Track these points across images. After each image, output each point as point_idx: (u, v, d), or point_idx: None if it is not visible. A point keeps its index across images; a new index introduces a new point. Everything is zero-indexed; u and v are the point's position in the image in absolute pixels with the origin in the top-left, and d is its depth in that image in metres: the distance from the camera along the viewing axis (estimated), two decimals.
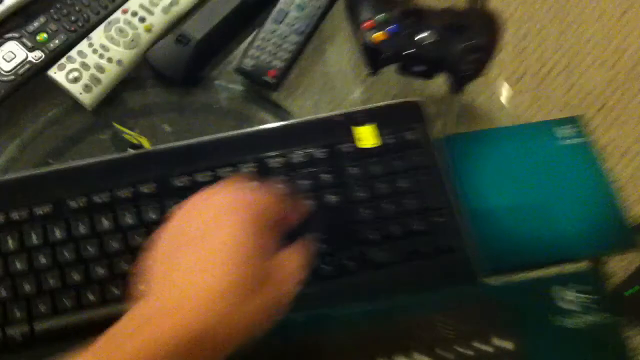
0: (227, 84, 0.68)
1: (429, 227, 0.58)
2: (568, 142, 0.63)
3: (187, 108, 0.68)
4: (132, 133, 0.63)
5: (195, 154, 0.59)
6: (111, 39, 0.66)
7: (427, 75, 0.67)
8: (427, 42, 0.63)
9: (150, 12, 0.67)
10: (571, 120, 0.65)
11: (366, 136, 0.60)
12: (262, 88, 0.68)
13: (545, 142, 0.64)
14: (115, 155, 0.59)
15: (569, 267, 0.57)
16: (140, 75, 0.69)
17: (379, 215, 0.58)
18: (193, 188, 0.51)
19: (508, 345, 0.52)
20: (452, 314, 0.54)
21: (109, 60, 0.65)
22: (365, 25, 0.64)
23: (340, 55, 0.72)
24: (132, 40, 0.66)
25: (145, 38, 0.67)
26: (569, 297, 0.54)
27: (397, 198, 0.59)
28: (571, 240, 0.60)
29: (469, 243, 0.58)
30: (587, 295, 0.54)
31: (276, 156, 0.59)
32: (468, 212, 0.59)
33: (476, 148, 0.64)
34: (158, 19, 0.67)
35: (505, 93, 0.71)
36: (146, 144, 0.63)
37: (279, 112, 0.68)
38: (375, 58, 0.65)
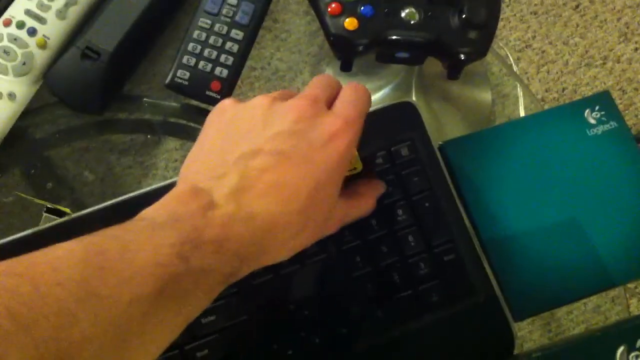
0: (159, 101, 0.53)
1: (438, 269, 0.45)
2: (600, 129, 0.50)
3: (111, 139, 0.52)
4: (44, 203, 0.48)
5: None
6: None
7: (414, 60, 0.52)
8: (413, 21, 0.48)
9: (42, 20, 0.51)
10: (602, 98, 0.51)
11: (354, 159, 0.46)
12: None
13: (572, 133, 0.50)
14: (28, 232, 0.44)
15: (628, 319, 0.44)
16: (46, 99, 0.53)
17: (374, 266, 0.45)
18: None
19: None
20: None
21: None
22: (330, 10, 0.48)
23: (300, 42, 0.57)
24: (24, 64, 0.50)
25: (41, 57, 0.51)
26: None
27: (397, 238, 0.46)
28: (613, 261, 0.47)
29: (486, 280, 0.46)
30: None
31: None
32: (484, 241, 0.47)
33: (483, 155, 0.49)
34: (53, 29, 0.51)
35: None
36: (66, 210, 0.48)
37: None
38: (349, 50, 0.50)
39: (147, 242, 0.30)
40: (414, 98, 0.67)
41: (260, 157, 0.35)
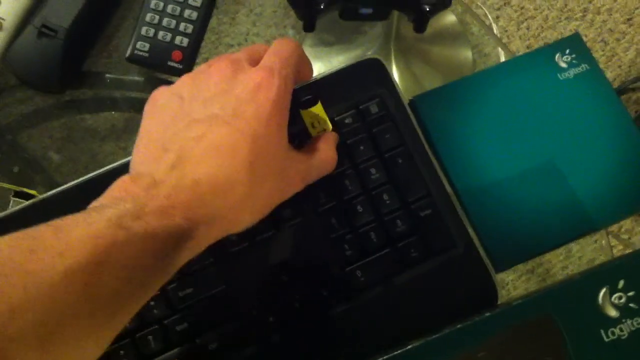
0: (121, 76, 0.52)
1: (415, 225, 0.45)
2: (572, 72, 0.49)
3: (75, 119, 0.51)
4: (11, 187, 0.47)
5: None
6: None
7: (378, 16, 0.51)
8: None
9: None
10: (572, 41, 0.50)
11: (322, 119, 0.45)
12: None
13: (543, 78, 0.49)
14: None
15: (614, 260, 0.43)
16: (7, 81, 0.52)
17: (351, 227, 0.44)
18: None
19: None
20: (489, 344, 0.41)
21: None
22: None
23: (276, 15, 0.55)
24: None
25: None
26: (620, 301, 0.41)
27: (372, 196, 0.45)
28: (593, 204, 0.46)
29: (464, 233, 0.45)
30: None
31: None
32: (460, 193, 0.46)
33: (454, 106, 0.48)
34: (8, 9, 0.49)
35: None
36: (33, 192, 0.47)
37: None
38: (309, 7, 0.49)
39: (83, 221, 0.29)
40: (393, 63, 0.66)
41: (193, 127, 0.34)
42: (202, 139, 0.34)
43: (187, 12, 0.50)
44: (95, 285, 0.28)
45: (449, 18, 0.69)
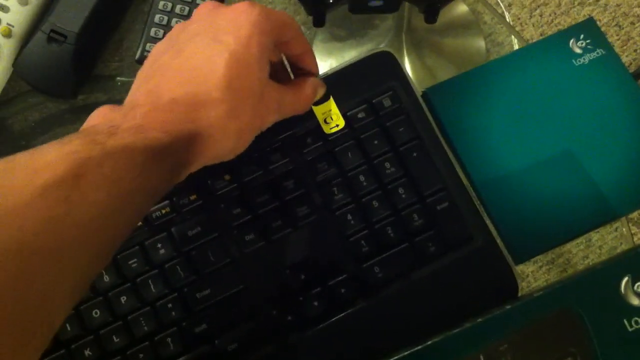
0: (132, 79, 0.51)
1: (432, 219, 0.44)
2: (587, 58, 0.48)
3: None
4: None
5: None
6: None
7: (388, 8, 0.50)
8: None
9: (4, 8, 0.49)
10: (586, 26, 0.49)
11: (335, 114, 0.45)
12: None
13: (558, 65, 0.48)
14: None
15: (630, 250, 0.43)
16: (19, 88, 0.52)
17: (367, 223, 0.44)
18: None
19: None
20: (511, 337, 0.40)
21: None
22: None
23: (287, 12, 0.55)
24: None
25: (7, 46, 0.49)
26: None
27: (388, 190, 0.44)
28: (611, 191, 0.45)
29: (482, 225, 0.45)
30: None
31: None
32: (477, 185, 0.45)
33: (468, 97, 0.48)
34: (17, 16, 0.50)
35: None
36: None
37: None
38: (318, 2, 0.48)
39: (57, 143, 0.29)
40: (405, 55, 0.66)
41: (176, 54, 0.35)
42: (181, 62, 0.34)
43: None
44: (77, 200, 0.28)
45: (461, 8, 0.68)
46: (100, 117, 0.33)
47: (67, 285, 0.28)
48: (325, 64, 0.64)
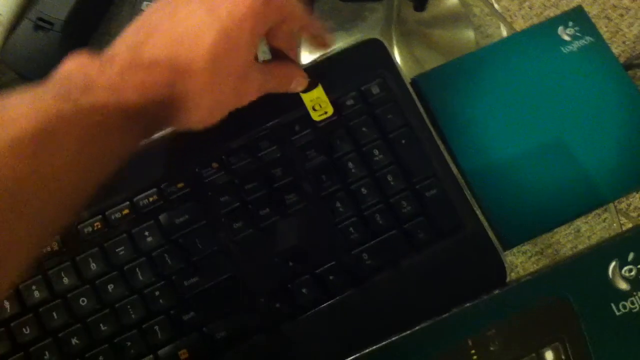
0: None
1: (421, 206, 0.44)
2: (576, 45, 0.48)
3: None
4: None
5: None
6: None
7: None
8: None
9: None
10: (575, 13, 0.49)
11: (323, 102, 0.45)
12: None
13: (547, 53, 0.48)
14: None
15: (620, 234, 0.43)
16: (5, 76, 0.51)
17: (356, 210, 0.44)
18: None
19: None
20: (501, 324, 0.40)
21: None
22: None
23: None
24: None
25: None
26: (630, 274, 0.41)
27: (377, 177, 0.44)
28: (600, 178, 0.46)
29: (471, 211, 0.44)
30: None
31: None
32: (466, 171, 0.45)
33: (457, 84, 0.48)
34: (3, 3, 0.49)
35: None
36: None
37: None
38: None
39: (28, 97, 0.29)
40: (395, 47, 0.66)
41: (166, 9, 0.34)
42: (172, 25, 0.33)
43: None
44: (44, 157, 0.28)
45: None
46: (76, 63, 0.32)
47: (30, 240, 0.28)
48: (314, 55, 0.64)
